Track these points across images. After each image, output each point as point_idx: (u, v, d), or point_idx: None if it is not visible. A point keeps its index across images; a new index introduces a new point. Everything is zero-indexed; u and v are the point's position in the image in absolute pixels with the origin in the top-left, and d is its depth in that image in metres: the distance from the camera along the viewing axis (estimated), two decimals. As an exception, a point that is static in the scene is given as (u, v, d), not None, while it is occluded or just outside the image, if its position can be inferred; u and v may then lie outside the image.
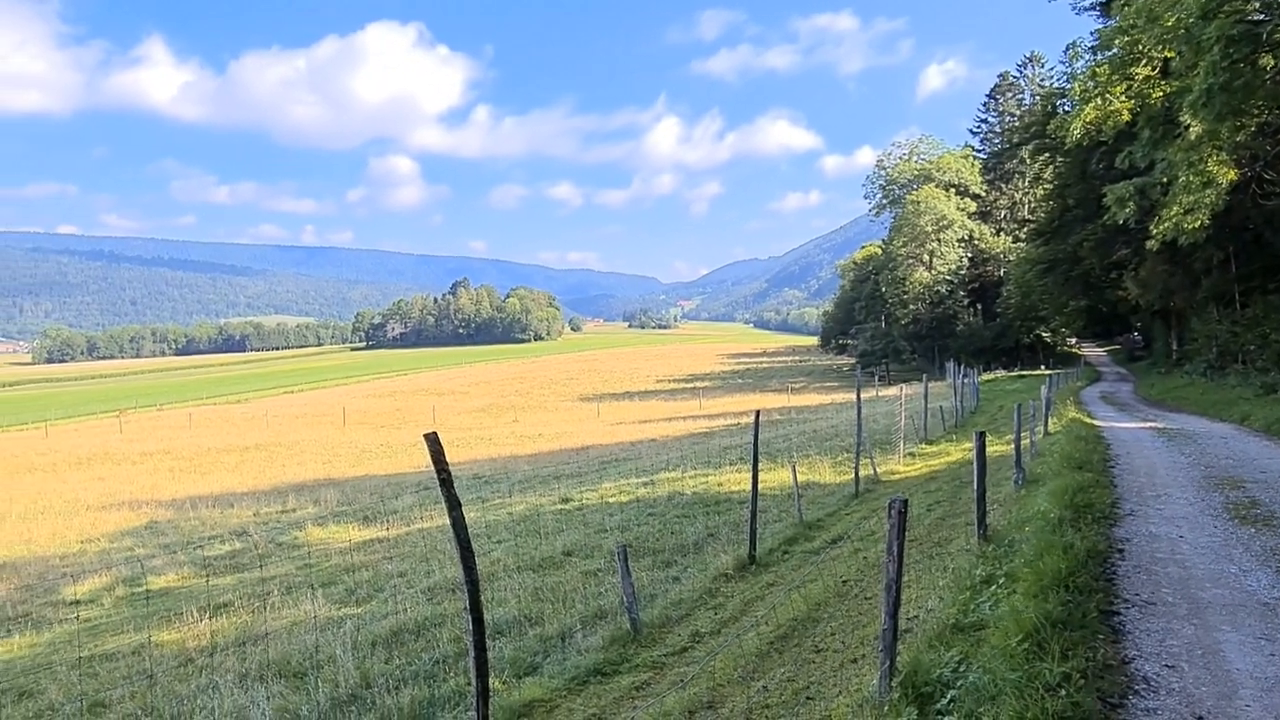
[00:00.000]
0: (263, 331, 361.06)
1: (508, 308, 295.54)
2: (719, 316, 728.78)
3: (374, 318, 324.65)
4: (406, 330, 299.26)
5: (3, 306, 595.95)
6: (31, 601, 13.93)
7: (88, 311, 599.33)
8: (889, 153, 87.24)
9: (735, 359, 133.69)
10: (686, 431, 37.38)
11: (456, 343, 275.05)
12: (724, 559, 10.50)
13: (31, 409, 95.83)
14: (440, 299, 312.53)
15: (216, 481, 29.45)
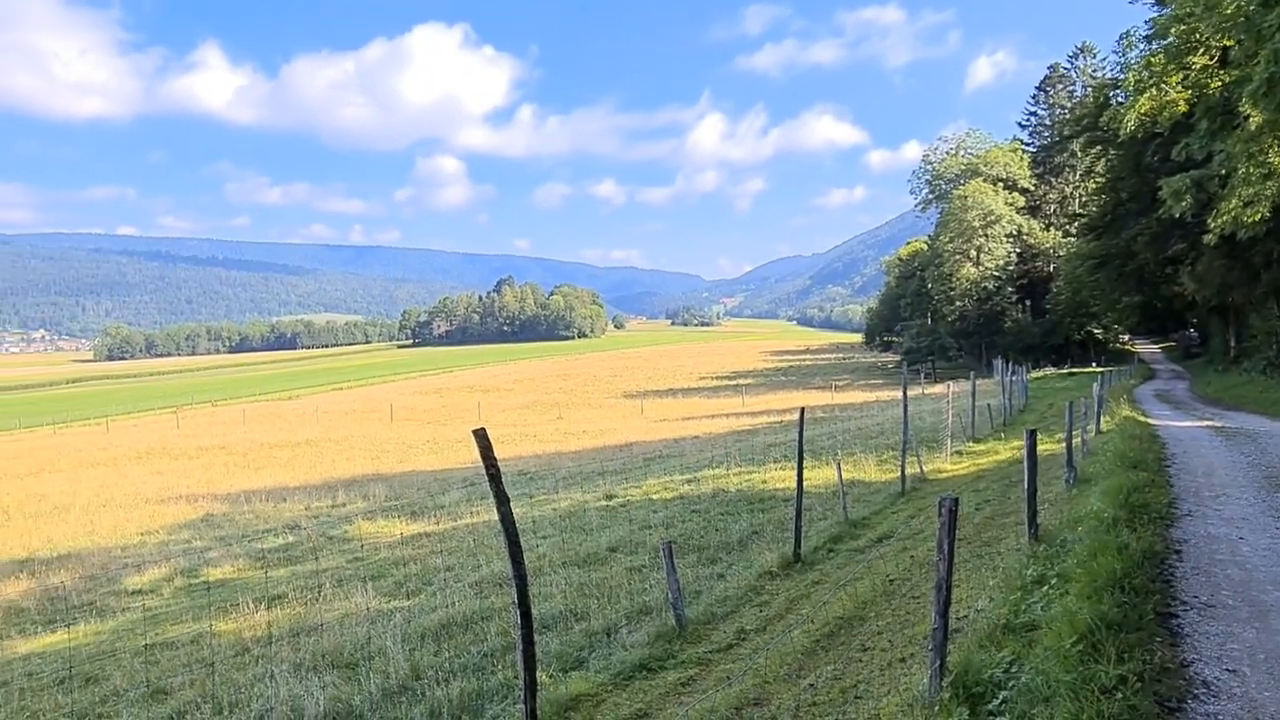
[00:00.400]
0: (313, 329, 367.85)
1: (551, 305, 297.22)
2: (762, 314, 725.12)
3: (420, 315, 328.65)
4: (452, 328, 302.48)
5: (66, 305, 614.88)
6: (95, 591, 14.38)
7: (146, 310, 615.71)
8: (935, 147, 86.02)
9: (778, 356, 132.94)
10: (729, 429, 37.28)
11: (501, 340, 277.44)
12: (769, 556, 10.48)
13: (93, 405, 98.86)
14: (485, 297, 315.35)
15: (269, 476, 30.09)
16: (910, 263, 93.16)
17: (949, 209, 76.94)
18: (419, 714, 6.44)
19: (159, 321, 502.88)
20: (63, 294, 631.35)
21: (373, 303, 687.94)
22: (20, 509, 26.16)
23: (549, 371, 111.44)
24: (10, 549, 19.78)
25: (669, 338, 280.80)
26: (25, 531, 21.98)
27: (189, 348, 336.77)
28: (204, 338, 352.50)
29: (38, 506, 26.47)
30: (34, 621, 13.03)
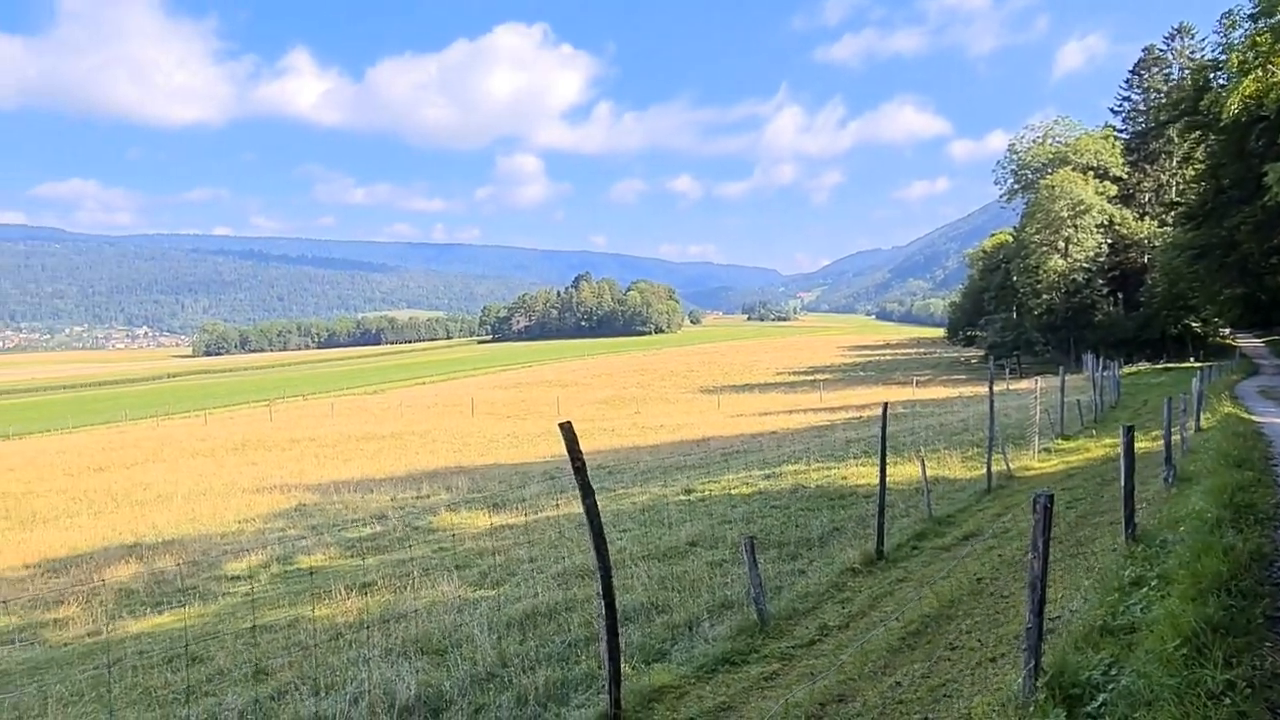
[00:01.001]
0: (396, 325, 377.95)
1: (628, 301, 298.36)
2: (840, 308, 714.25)
3: (500, 311, 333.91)
4: (530, 323, 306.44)
5: (167, 303, 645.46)
6: (198, 575, 15.08)
7: (240, 307, 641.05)
8: (1022, 136, 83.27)
9: (857, 351, 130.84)
10: (807, 424, 36.90)
11: (578, 335, 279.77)
12: (850, 553, 10.36)
13: (192, 399, 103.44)
14: (563, 293, 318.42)
15: (357, 468, 31.03)
16: (995, 255, 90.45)
17: (1036, 199, 74.44)
18: (506, 701, 6.58)
19: (252, 318, 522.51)
20: (164, 292, 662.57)
21: (454, 299, 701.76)
22: (128, 496, 27.59)
23: (626, 367, 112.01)
24: (119, 534, 20.89)
25: (745, 333, 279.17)
26: (133, 518, 23.18)
27: (280, 343, 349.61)
28: (294, 334, 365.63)
29: (143, 494, 27.88)
30: (142, 603, 13.74)
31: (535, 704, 6.49)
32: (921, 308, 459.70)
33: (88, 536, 21.02)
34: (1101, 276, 72.26)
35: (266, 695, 7.37)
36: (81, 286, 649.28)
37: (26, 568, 17.99)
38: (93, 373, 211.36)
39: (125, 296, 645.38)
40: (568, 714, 6.20)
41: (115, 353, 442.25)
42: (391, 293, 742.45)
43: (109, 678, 8.76)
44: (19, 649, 11.63)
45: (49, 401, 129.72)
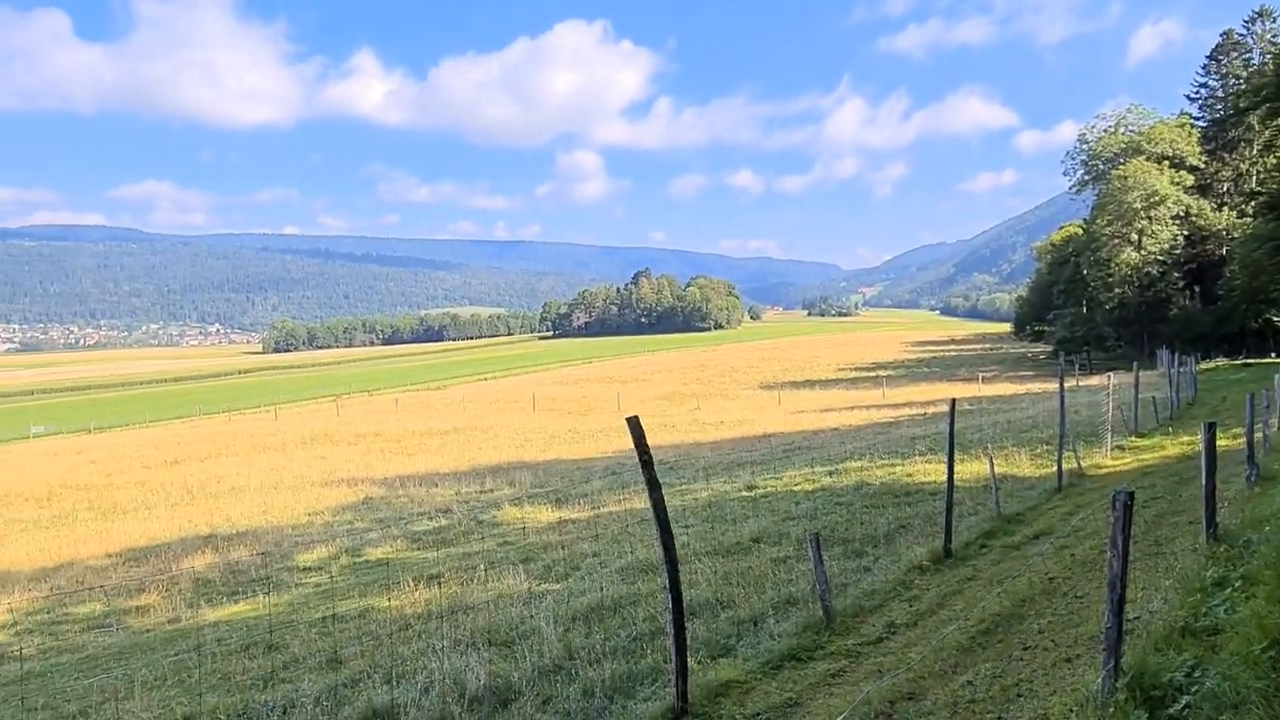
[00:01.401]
0: (459, 322, 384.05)
1: (688, 297, 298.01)
2: (903, 303, 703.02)
3: (560, 307, 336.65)
4: (591, 319, 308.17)
5: (238, 301, 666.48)
6: (271, 566, 15.56)
7: (308, 305, 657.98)
8: (1093, 125, 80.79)
9: (920, 347, 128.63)
10: (870, 420, 36.46)
11: (638, 331, 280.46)
12: (917, 551, 10.22)
13: (263, 394, 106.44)
14: (623, 289, 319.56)
15: (421, 462, 31.63)
16: (1064, 248, 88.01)
17: (1107, 190, 72.22)
18: (573, 693, 6.64)
19: (319, 315, 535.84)
20: (235, 290, 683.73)
21: (515, 296, 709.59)
22: (203, 489, 28.57)
23: (686, 363, 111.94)
24: (196, 525, 21.66)
25: (806, 328, 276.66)
26: (208, 510, 24.01)
27: (346, 340, 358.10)
28: (360, 330, 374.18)
29: (217, 487, 28.84)
30: (219, 592, 14.23)
31: (602, 696, 6.54)
32: (987, 302, 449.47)
33: (165, 527, 21.84)
34: (1177, 269, 69.81)
35: (340, 683, 7.57)
36: (158, 285, 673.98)
37: (109, 557, 18.76)
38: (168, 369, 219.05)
39: (198, 295, 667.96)
40: (634, 707, 6.24)
41: (189, 349, 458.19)
42: (454, 290, 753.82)
43: (198, 661, 9.10)
44: (105, 634, 12.15)
45: (127, 397, 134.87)
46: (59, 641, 11.86)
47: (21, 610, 14.05)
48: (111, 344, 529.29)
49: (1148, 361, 55.47)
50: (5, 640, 12.32)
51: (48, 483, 31.85)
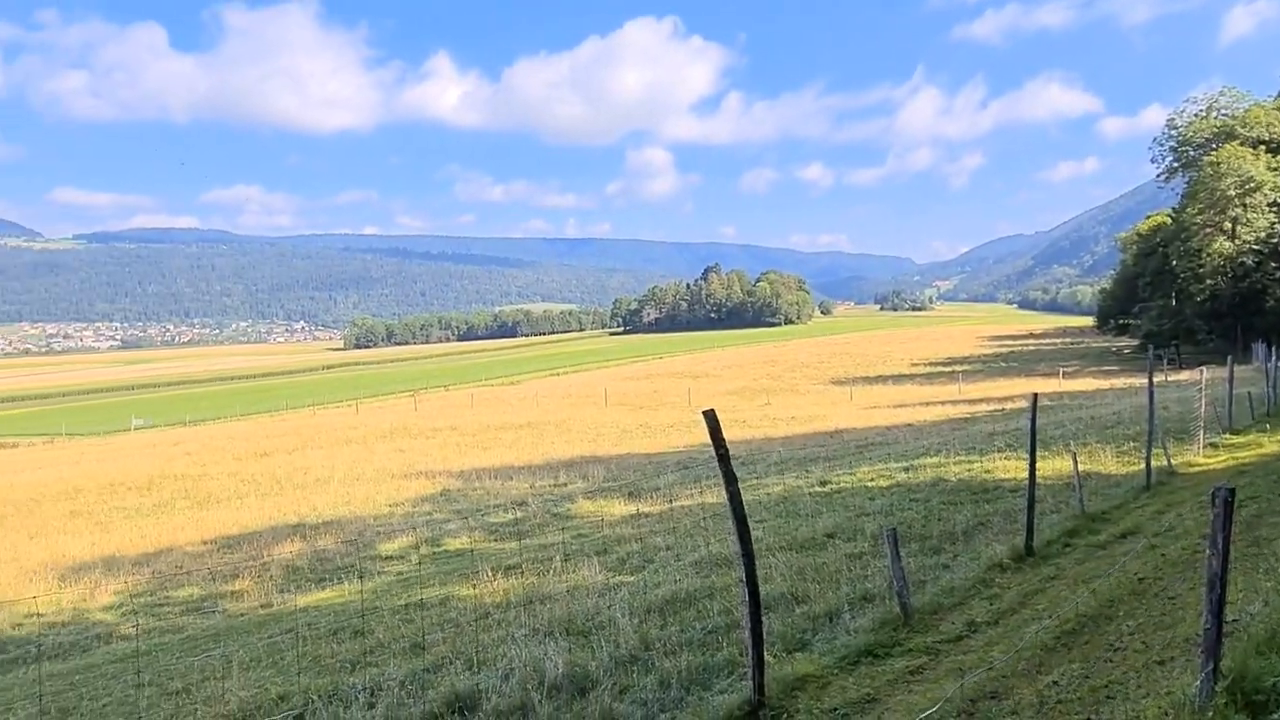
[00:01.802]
0: (531, 318, 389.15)
1: (758, 292, 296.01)
2: (979, 297, 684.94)
3: (630, 304, 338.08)
4: (661, 315, 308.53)
5: (321, 299, 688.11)
6: (355, 554, 16.06)
7: (387, 303, 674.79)
8: (1182, 110, 77.40)
9: (997, 341, 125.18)
10: (945, 416, 35.73)
11: (708, 327, 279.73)
12: (997, 548, 10.01)
13: (344, 389, 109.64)
14: (692, 284, 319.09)
15: (496, 456, 32.17)
16: (1150, 238, 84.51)
17: (1198, 177, 69.10)
18: (650, 683, 6.72)
19: (397, 312, 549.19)
20: (318, 289, 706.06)
21: (586, 292, 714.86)
22: (290, 480, 29.59)
23: (756, 358, 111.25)
24: (284, 514, 22.47)
25: (878, 323, 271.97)
26: (295, 500, 24.86)
27: (423, 336, 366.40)
28: (436, 327, 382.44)
29: (303, 478, 29.84)
30: (307, 579, 14.76)
31: (678, 687, 6.60)
32: (1068, 295, 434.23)
33: (256, 516, 22.71)
34: (1275, 259, 66.40)
35: (423, 668, 7.79)
36: (246, 285, 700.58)
37: (205, 543, 19.61)
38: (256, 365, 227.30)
39: (284, 294, 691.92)
40: (710, 699, 6.28)
41: (275, 346, 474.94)
42: (527, 287, 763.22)
43: (290, 643, 9.48)
44: (203, 616, 12.74)
45: (219, 391, 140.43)
46: (161, 622, 12.47)
47: (127, 592, 14.82)
48: (204, 341, 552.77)
49: (1242, 356, 53.02)
50: (114, 620, 13.03)
51: (148, 473, 33.41)
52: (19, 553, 20.31)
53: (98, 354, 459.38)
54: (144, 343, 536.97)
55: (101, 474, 34.29)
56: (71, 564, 18.20)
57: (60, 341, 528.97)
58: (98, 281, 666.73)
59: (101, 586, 15.26)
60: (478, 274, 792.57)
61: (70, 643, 12.07)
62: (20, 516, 26.74)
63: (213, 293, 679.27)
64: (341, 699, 7.13)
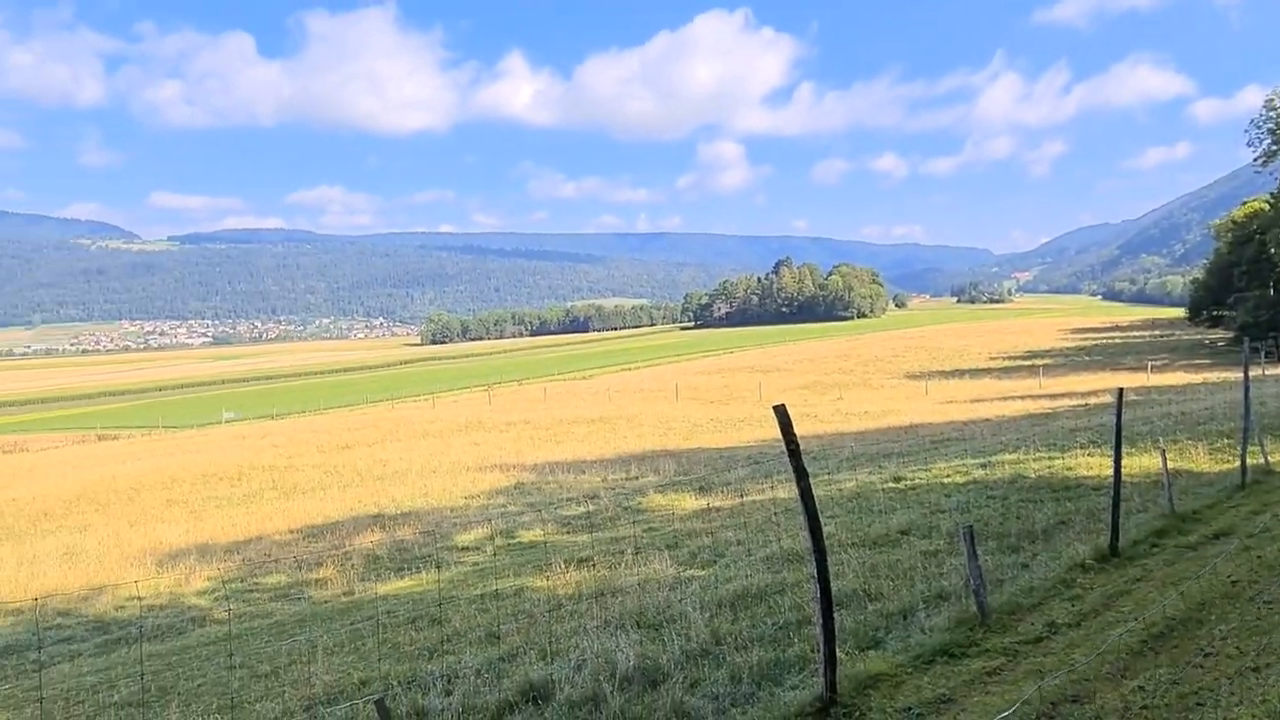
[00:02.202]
0: (603, 313, 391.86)
1: (830, 285, 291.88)
2: (1060, 289, 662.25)
3: (701, 298, 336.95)
4: (731, 310, 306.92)
5: (399, 296, 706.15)
6: (432, 545, 16.45)
7: (461, 299, 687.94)
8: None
9: (1080, 334, 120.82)
10: (1024, 411, 34.73)
11: (779, 321, 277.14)
12: (1079, 548, 9.72)
13: (421, 383, 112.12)
14: (763, 278, 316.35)
15: (569, 449, 32.51)
16: (1247, 225, 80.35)
17: (1300, 160, 65.51)
18: (721, 677, 6.75)
19: (472, 308, 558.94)
20: (396, 286, 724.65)
21: (657, 287, 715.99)
22: (369, 472, 30.43)
23: (828, 352, 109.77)
24: (365, 505, 23.13)
25: (954, 316, 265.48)
26: (375, 492, 25.57)
27: (497, 331, 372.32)
28: (509, 322, 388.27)
29: (382, 470, 30.65)
30: (387, 568, 15.19)
31: (749, 682, 6.61)
32: (1156, 286, 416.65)
33: (338, 506, 23.43)
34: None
35: (498, 657, 7.97)
36: (329, 283, 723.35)
37: (291, 532, 20.33)
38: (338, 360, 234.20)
39: (364, 291, 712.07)
40: (781, 694, 6.27)
41: (356, 342, 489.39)
42: (599, 282, 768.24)
43: (371, 630, 9.79)
44: (290, 603, 13.23)
45: (303, 386, 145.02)
46: (251, 607, 13.00)
47: (220, 578, 15.47)
48: (289, 337, 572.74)
49: (1350, 349, 50.16)
50: (207, 605, 13.63)
51: (238, 464, 34.77)
52: (121, 539, 21.38)
53: (191, 350, 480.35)
54: (233, 339, 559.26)
55: (195, 465, 35.82)
56: (168, 550, 19.08)
57: (156, 338, 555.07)
58: (191, 281, 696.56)
59: (196, 572, 15.96)
60: (550, 270, 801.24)
61: (167, 625, 12.67)
62: (122, 505, 28.14)
63: (297, 290, 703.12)
64: (420, 685, 7.33)
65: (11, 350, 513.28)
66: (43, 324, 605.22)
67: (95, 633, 12.73)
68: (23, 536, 24.52)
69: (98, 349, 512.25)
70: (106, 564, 18.20)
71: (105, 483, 32.36)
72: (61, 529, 25.08)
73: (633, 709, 6.29)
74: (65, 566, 18.37)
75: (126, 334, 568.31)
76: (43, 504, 29.19)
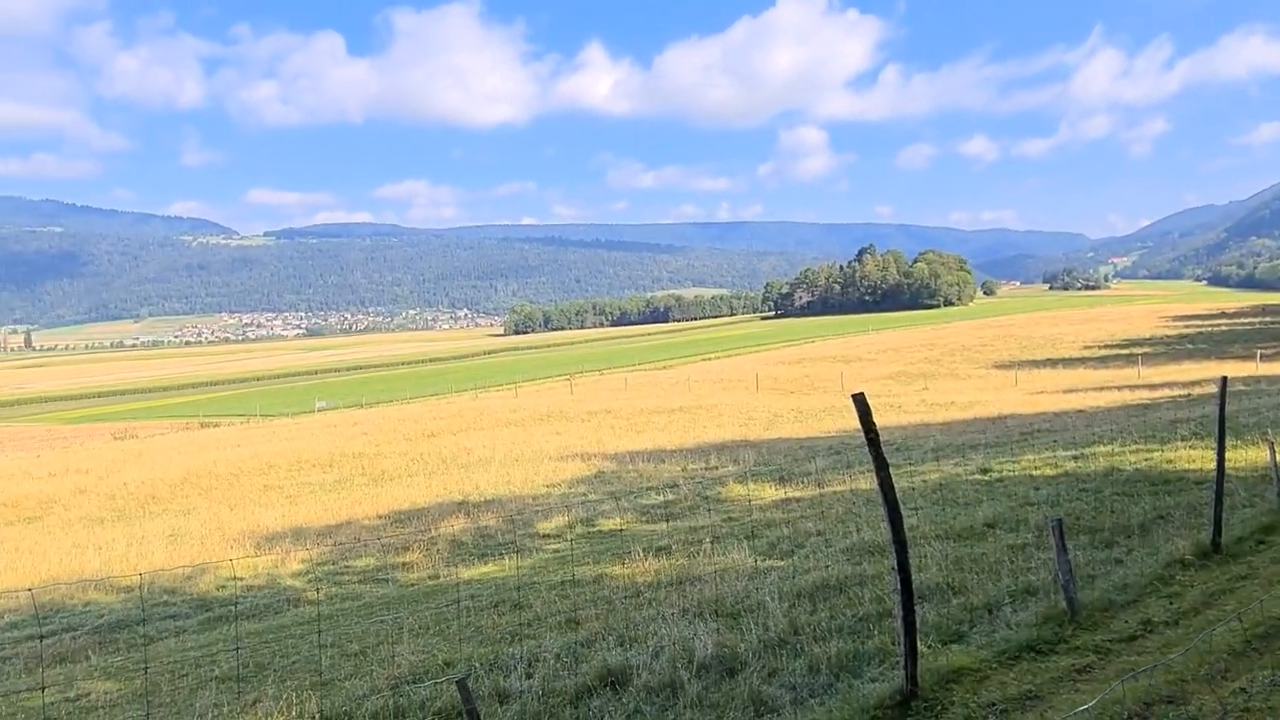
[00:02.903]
0: (682, 303, 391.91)
1: (915, 273, 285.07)
2: (1162, 274, 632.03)
3: (782, 287, 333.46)
4: (813, 299, 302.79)
5: (482, 288, 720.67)
6: (514, 532, 16.76)
7: (543, 289, 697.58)
8: None
9: (1183, 321, 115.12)
10: (1121, 402, 33.40)
11: (862, 310, 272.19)
12: (1179, 544, 9.31)
13: (504, 373, 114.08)
14: (846, 266, 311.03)
15: (649, 439, 32.67)
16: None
17: None
18: (799, 667, 6.71)
19: (554, 299, 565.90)
20: (480, 278, 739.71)
21: (737, 276, 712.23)
22: (454, 460, 31.16)
23: (913, 341, 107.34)
24: (449, 492, 23.71)
25: (1046, 303, 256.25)
26: (460, 479, 26.17)
27: (578, 322, 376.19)
28: (590, 313, 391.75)
29: (466, 459, 31.34)
30: (470, 553, 15.54)
31: (828, 673, 6.56)
32: (1267, 270, 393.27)
33: (425, 493, 24.08)
34: None
35: (577, 642, 8.08)
36: (415, 275, 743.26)
37: (380, 517, 20.99)
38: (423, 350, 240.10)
39: (449, 282, 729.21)
40: (861, 686, 6.21)
41: (440, 332, 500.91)
42: (678, 272, 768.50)
43: (455, 614, 10.05)
44: (378, 585, 13.67)
45: (391, 376, 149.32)
46: (342, 589, 13.49)
47: (313, 560, 16.10)
48: (377, 328, 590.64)
49: None
50: (301, 585, 14.20)
51: (329, 451, 36.03)
52: (221, 522, 22.44)
53: (285, 341, 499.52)
54: (325, 330, 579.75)
55: (290, 452, 37.27)
56: (266, 533, 19.95)
57: (254, 330, 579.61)
58: (285, 274, 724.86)
59: (291, 555, 16.62)
60: (630, 260, 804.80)
61: (264, 604, 13.25)
62: (223, 489, 29.51)
63: (385, 283, 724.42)
64: (501, 668, 7.51)
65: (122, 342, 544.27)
66: (150, 317, 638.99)
67: (198, 610, 13.39)
68: (133, 518, 25.97)
69: (199, 340, 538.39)
70: (209, 545, 19.14)
71: (207, 468, 33.94)
72: (168, 511, 26.47)
73: (710, 696, 6.31)
74: (171, 547, 19.39)
75: (226, 326, 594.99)
76: (151, 488, 30.81)
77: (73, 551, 19.71)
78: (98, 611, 13.73)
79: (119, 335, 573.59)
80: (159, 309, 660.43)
